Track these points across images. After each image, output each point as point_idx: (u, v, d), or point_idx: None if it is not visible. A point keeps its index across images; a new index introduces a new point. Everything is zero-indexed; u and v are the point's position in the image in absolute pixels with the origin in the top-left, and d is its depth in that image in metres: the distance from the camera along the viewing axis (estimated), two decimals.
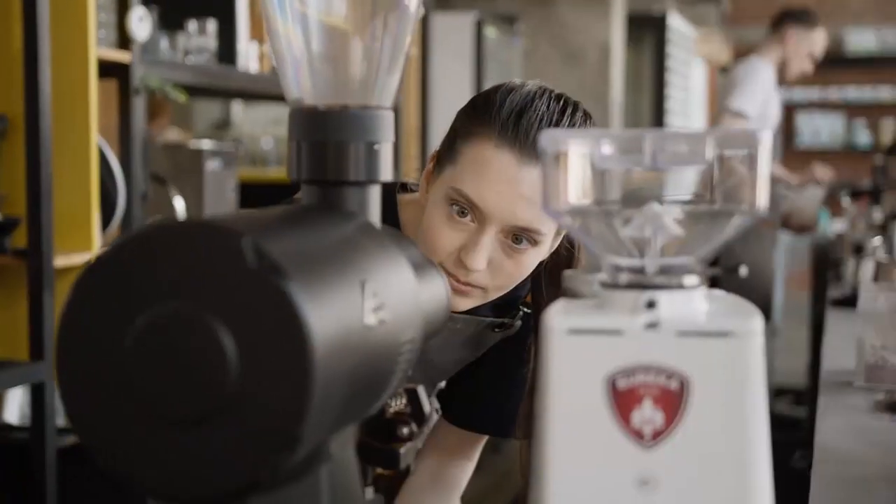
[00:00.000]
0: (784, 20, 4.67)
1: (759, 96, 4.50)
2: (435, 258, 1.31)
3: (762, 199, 0.70)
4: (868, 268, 3.00)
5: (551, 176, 0.71)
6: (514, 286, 1.38)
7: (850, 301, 2.72)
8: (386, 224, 0.82)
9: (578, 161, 0.71)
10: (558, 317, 0.70)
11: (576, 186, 0.71)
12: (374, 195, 0.81)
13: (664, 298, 0.70)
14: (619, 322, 0.69)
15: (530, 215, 1.30)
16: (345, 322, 0.66)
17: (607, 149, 0.70)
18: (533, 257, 1.35)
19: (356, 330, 0.67)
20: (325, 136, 0.80)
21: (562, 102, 1.35)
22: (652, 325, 0.68)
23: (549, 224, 1.32)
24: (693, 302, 0.71)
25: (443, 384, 1.58)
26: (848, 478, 1.38)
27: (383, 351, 0.72)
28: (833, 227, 7.83)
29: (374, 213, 0.81)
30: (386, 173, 0.82)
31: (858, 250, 3.23)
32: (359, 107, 0.81)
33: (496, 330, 1.50)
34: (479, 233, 1.32)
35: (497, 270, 1.34)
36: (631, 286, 0.71)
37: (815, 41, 4.67)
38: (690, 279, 0.71)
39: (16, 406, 2.79)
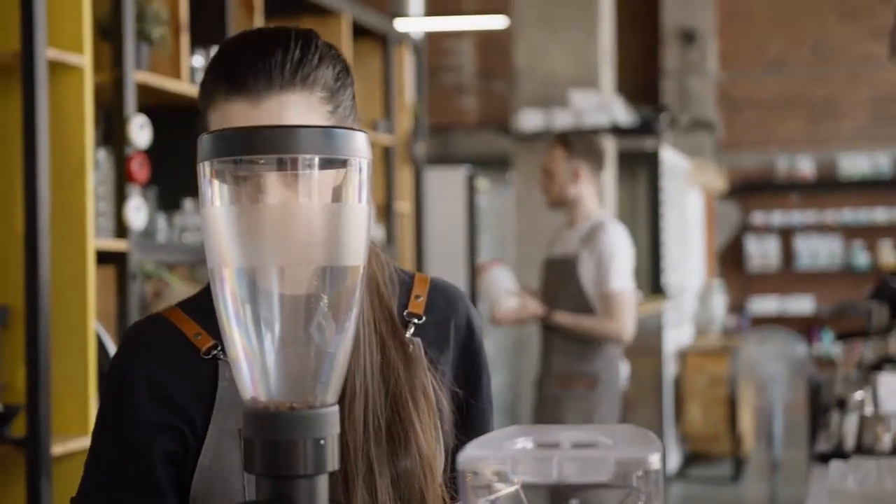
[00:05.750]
0: None
1: None
2: None
3: None
4: (852, 423, 3.03)
5: (471, 493, 0.79)
6: None
7: (835, 456, 2.74)
8: None
9: (491, 476, 0.79)
10: None
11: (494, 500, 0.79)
12: (322, 484, 0.90)
13: None
14: None
15: None
16: None
17: (520, 467, 0.79)
18: None
19: None
20: (276, 435, 0.89)
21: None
22: None
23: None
24: None
25: None
26: None
27: None
28: (834, 349, 7.85)
29: (322, 502, 0.90)
30: (333, 463, 0.90)
31: (842, 404, 3.26)
32: (305, 406, 0.90)
33: None
34: None
35: None
36: None
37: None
38: None
39: None
